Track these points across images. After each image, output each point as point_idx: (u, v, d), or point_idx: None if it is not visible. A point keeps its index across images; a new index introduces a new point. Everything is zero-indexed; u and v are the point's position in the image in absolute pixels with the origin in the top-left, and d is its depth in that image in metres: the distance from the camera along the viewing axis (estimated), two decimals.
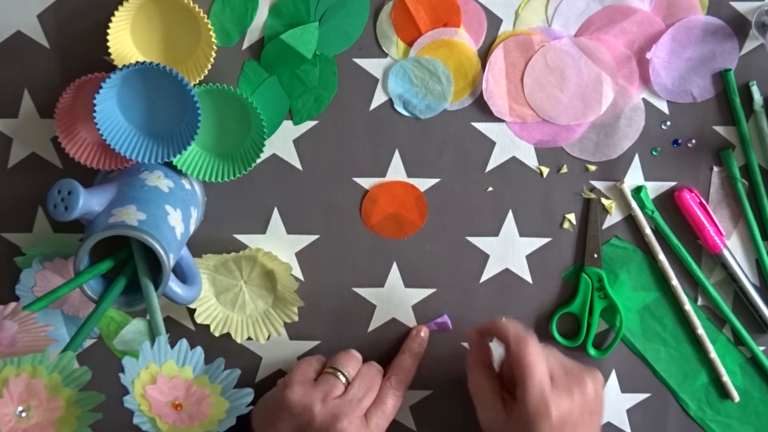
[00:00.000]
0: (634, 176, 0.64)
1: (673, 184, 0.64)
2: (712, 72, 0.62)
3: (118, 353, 0.56)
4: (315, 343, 0.68)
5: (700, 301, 0.66)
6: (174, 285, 0.55)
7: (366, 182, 0.65)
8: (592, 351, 0.66)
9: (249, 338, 0.67)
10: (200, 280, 0.60)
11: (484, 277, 0.66)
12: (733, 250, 0.64)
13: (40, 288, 0.62)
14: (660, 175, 0.64)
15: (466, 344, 0.67)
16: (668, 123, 0.63)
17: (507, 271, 0.66)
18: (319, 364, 0.63)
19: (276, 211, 0.66)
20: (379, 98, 0.63)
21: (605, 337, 0.67)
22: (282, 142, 0.64)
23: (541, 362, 0.55)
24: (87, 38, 0.62)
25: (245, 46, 0.62)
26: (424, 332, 0.66)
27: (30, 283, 0.62)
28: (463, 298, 0.67)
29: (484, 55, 0.63)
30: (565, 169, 0.64)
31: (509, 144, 0.64)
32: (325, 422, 0.58)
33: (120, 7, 0.58)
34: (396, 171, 0.65)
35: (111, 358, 0.62)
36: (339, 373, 0.61)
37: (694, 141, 0.63)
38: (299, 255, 0.66)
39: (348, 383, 0.61)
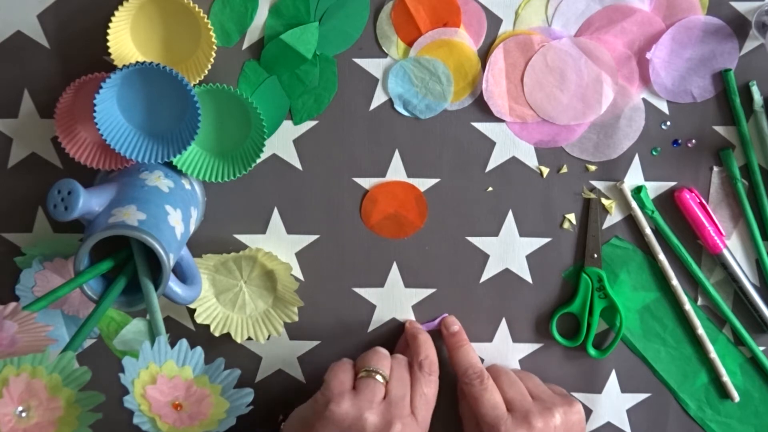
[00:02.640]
0: (634, 176, 0.64)
1: (673, 184, 0.64)
2: (712, 72, 0.62)
3: (118, 353, 0.56)
4: (315, 343, 0.68)
5: (700, 301, 0.66)
6: (174, 285, 0.55)
7: (366, 182, 0.65)
8: (592, 351, 0.66)
9: (249, 338, 0.67)
10: (200, 280, 0.60)
11: (484, 277, 0.66)
12: (733, 250, 0.64)
13: (40, 288, 0.62)
14: (660, 175, 0.64)
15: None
16: (668, 123, 0.63)
17: (507, 271, 0.66)
18: (352, 367, 0.62)
19: (276, 211, 0.66)
20: (379, 98, 0.64)
21: (605, 337, 0.67)
22: (282, 142, 0.64)
23: (489, 397, 0.60)
24: (87, 38, 0.62)
25: (245, 46, 0.62)
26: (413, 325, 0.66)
27: (30, 283, 0.62)
28: (463, 298, 0.67)
29: (484, 55, 0.63)
30: (565, 169, 0.64)
31: (509, 144, 0.64)
32: (378, 430, 0.57)
33: (120, 7, 0.58)
34: (396, 171, 0.65)
35: (111, 358, 0.61)
36: (375, 374, 0.59)
37: (694, 141, 0.63)
38: (299, 255, 0.66)
39: (386, 382, 0.60)
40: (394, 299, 0.67)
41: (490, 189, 0.65)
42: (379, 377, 0.59)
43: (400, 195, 0.65)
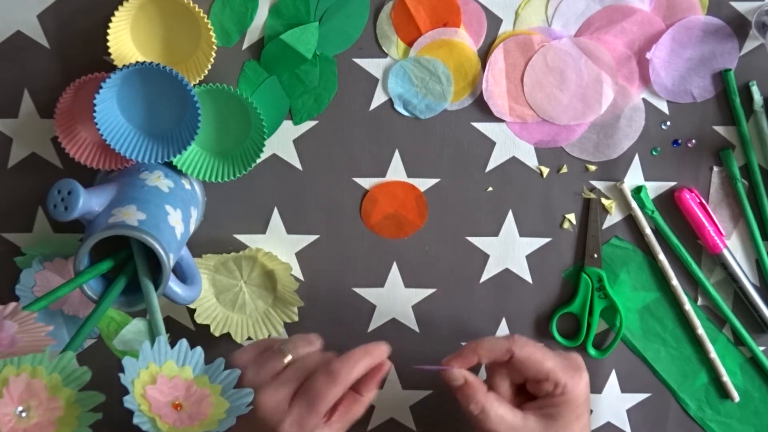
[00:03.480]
0: (634, 176, 0.64)
1: (673, 184, 0.64)
2: (712, 72, 0.62)
3: (118, 353, 0.56)
4: None
5: (700, 301, 0.66)
6: (174, 285, 0.55)
7: (366, 182, 0.65)
8: (592, 351, 0.66)
9: (249, 338, 0.67)
10: (200, 280, 0.60)
11: (484, 277, 0.66)
12: (733, 250, 0.64)
13: (40, 288, 0.62)
14: (660, 175, 0.64)
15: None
16: (668, 123, 0.63)
17: (507, 271, 0.66)
18: (272, 342, 0.60)
19: (276, 211, 0.66)
20: (379, 98, 0.64)
21: (605, 337, 0.67)
22: (282, 142, 0.64)
23: (547, 351, 0.58)
24: (87, 38, 0.62)
25: (245, 46, 0.62)
26: (388, 350, 0.58)
27: (30, 283, 0.62)
28: (463, 298, 0.67)
29: (484, 55, 0.63)
30: (565, 169, 0.64)
31: (509, 144, 0.64)
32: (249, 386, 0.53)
33: (120, 7, 0.58)
34: (396, 171, 0.65)
35: (111, 358, 0.62)
36: (282, 352, 0.58)
37: (694, 141, 0.63)
38: (299, 255, 0.66)
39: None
40: (394, 299, 0.67)
41: (490, 189, 0.65)
42: (284, 356, 0.57)
43: (400, 195, 0.65)
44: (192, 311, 0.66)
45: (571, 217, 0.65)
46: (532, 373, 0.58)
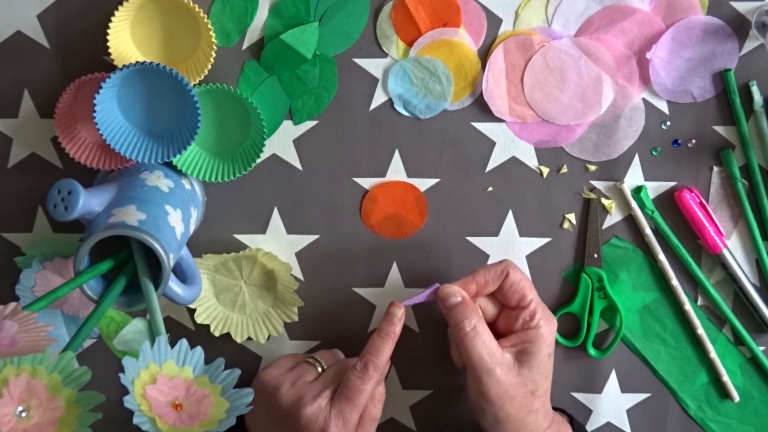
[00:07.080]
0: (634, 176, 0.64)
1: (673, 184, 0.64)
2: (712, 72, 0.62)
3: (118, 353, 0.56)
4: (315, 343, 0.68)
5: (700, 301, 0.66)
6: (174, 285, 0.55)
7: (366, 182, 0.65)
8: (592, 351, 0.66)
9: (249, 338, 0.67)
10: (200, 280, 0.60)
11: None
12: (733, 250, 0.64)
13: (40, 288, 0.62)
14: (660, 175, 0.64)
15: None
16: (668, 123, 0.63)
17: None
18: (300, 357, 0.63)
19: (276, 211, 0.66)
20: (379, 98, 0.64)
21: (605, 337, 0.67)
22: (282, 142, 0.64)
23: (531, 284, 0.60)
24: (87, 38, 0.62)
25: (245, 46, 0.62)
26: (400, 311, 0.60)
27: (30, 283, 0.62)
28: None
29: (484, 55, 0.63)
30: (565, 169, 0.64)
31: (509, 144, 0.64)
32: (289, 403, 0.57)
33: (120, 7, 0.58)
34: (396, 171, 0.65)
35: (111, 358, 0.62)
36: (315, 362, 0.61)
37: (694, 141, 0.63)
38: (299, 255, 0.66)
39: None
40: (393, 299, 0.67)
41: (490, 189, 0.65)
42: (317, 365, 0.61)
43: (400, 195, 0.65)
44: (192, 311, 0.66)
45: (571, 217, 0.65)
46: (518, 297, 0.59)
